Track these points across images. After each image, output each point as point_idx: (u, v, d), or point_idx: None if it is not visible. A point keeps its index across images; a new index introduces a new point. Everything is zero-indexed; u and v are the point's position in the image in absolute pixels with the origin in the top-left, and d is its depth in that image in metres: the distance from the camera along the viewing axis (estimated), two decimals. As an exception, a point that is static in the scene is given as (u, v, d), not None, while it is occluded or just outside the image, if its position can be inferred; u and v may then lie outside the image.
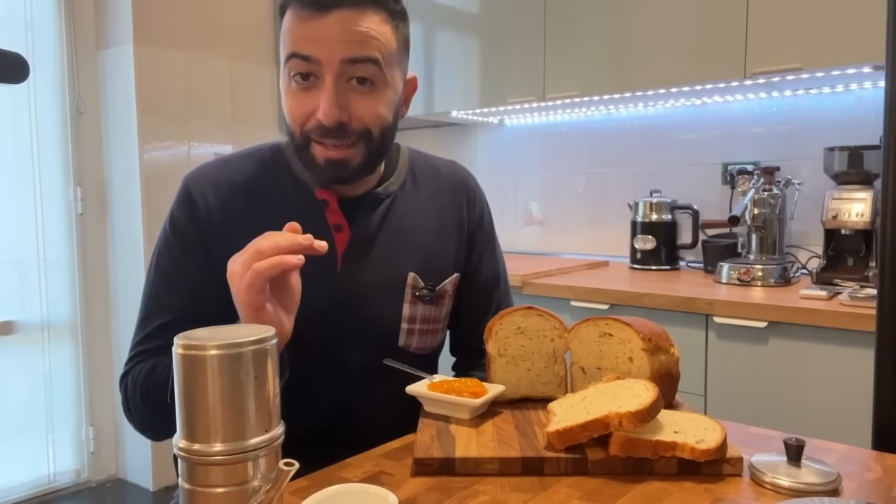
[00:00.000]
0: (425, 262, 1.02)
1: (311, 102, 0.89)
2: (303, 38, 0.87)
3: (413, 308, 1.01)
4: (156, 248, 0.99)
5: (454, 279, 1.06)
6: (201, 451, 0.54)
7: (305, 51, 0.87)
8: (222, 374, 0.53)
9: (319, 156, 0.91)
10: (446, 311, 1.07)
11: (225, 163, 1.01)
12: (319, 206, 0.97)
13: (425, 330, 1.03)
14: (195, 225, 0.96)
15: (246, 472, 0.55)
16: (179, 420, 0.55)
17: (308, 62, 0.87)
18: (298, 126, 0.91)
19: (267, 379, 0.55)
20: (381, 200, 1.01)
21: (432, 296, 1.02)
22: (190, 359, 0.54)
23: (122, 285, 2.80)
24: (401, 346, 1.01)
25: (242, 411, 0.54)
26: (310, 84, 0.89)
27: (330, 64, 0.87)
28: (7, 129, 2.55)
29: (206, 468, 0.54)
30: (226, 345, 0.53)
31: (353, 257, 0.98)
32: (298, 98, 0.90)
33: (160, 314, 0.95)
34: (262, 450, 0.55)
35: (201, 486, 0.54)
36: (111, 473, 2.90)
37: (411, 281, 1.00)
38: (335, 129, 0.88)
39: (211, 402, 0.53)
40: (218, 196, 0.96)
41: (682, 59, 2.10)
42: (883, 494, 0.72)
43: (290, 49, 0.88)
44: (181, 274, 0.95)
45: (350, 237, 0.97)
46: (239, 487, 0.54)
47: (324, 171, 0.92)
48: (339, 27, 0.86)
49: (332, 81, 0.87)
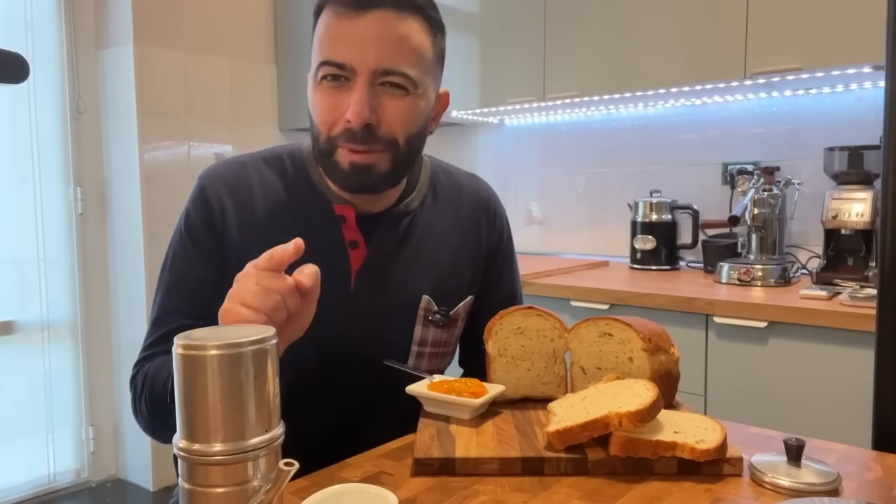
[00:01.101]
0: (441, 285, 1.00)
1: (342, 104, 0.86)
2: (337, 38, 0.85)
3: (425, 331, 0.99)
4: (170, 248, 0.96)
5: (468, 302, 1.04)
6: (201, 451, 0.54)
7: (338, 57, 0.84)
8: (222, 374, 0.53)
9: (344, 160, 0.88)
10: (458, 334, 1.05)
11: (241, 165, 0.97)
12: (337, 222, 0.94)
13: (435, 353, 1.01)
14: (210, 229, 0.93)
15: (246, 472, 0.54)
16: (179, 420, 0.55)
17: (341, 69, 0.85)
18: (326, 129, 0.88)
19: (267, 379, 0.55)
20: (400, 218, 0.98)
21: (445, 321, 0.99)
22: (190, 359, 0.53)
23: (122, 285, 2.80)
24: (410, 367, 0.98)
25: (242, 411, 0.54)
26: (340, 85, 0.86)
27: (363, 70, 0.84)
28: (7, 129, 2.55)
29: (206, 468, 0.54)
30: (226, 345, 0.53)
31: (368, 276, 0.95)
32: (328, 99, 0.87)
33: (173, 317, 0.92)
34: (262, 450, 0.55)
35: (201, 485, 0.54)
36: (111, 473, 2.90)
37: (425, 304, 0.98)
38: (363, 132, 0.85)
39: (211, 402, 0.53)
40: (236, 203, 0.93)
41: (682, 59, 2.10)
42: (883, 494, 0.72)
43: (323, 55, 0.86)
44: (195, 277, 0.93)
45: (366, 255, 0.95)
46: (239, 487, 0.54)
47: (348, 178, 0.89)
48: (376, 27, 0.84)
49: (365, 83, 0.85)
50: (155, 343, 0.93)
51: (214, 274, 0.91)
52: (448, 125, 3.07)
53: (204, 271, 0.93)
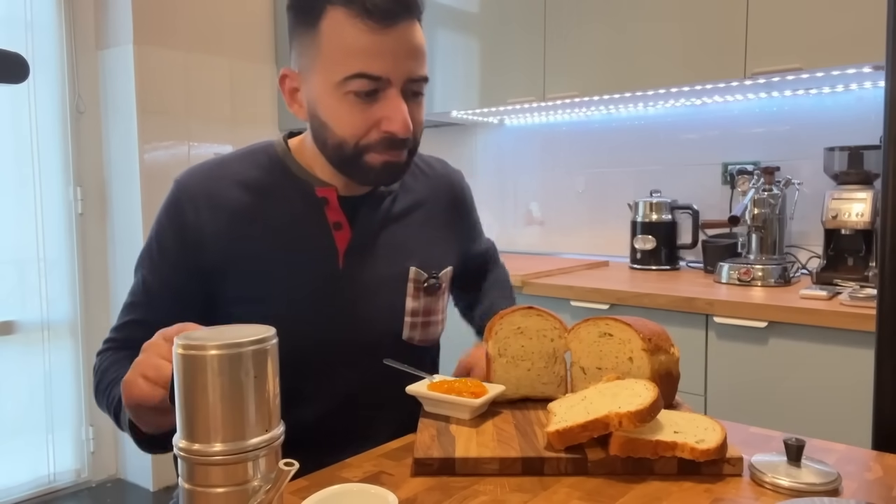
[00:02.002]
0: (426, 257, 1.04)
1: (374, 115, 0.89)
2: (371, 52, 0.86)
3: (416, 301, 1.02)
4: (146, 243, 1.00)
5: (449, 272, 1.09)
6: (201, 451, 0.54)
7: (376, 70, 0.87)
8: (222, 374, 0.53)
9: (376, 162, 0.91)
10: (444, 303, 1.10)
11: (219, 164, 1.00)
12: (319, 204, 0.97)
13: (427, 322, 1.05)
14: (179, 237, 0.95)
15: (246, 472, 0.55)
16: (180, 420, 0.55)
17: (377, 81, 0.87)
18: (355, 138, 0.90)
19: (267, 379, 0.55)
20: (382, 199, 1.03)
21: (435, 287, 1.04)
22: (190, 359, 0.53)
23: (122, 285, 2.80)
24: (405, 339, 1.02)
25: (242, 411, 0.54)
26: (371, 97, 0.89)
27: (397, 80, 0.88)
28: (7, 129, 2.55)
29: (206, 468, 0.54)
30: (226, 345, 0.53)
31: (355, 255, 0.98)
32: (359, 111, 0.89)
33: (135, 310, 0.98)
34: (262, 450, 0.55)
35: (201, 486, 0.55)
36: (111, 473, 2.90)
37: (413, 275, 1.02)
38: (403, 140, 0.90)
39: (211, 403, 0.53)
40: (212, 206, 0.95)
41: (682, 59, 2.10)
42: (883, 494, 0.72)
43: (357, 68, 0.87)
44: (162, 279, 0.97)
45: (351, 236, 0.98)
46: (239, 487, 0.54)
47: (378, 175, 0.93)
48: (404, 41, 0.87)
49: (398, 94, 0.89)
50: (119, 328, 0.99)
51: (177, 279, 0.96)
52: (448, 125, 3.07)
53: (167, 276, 0.97)
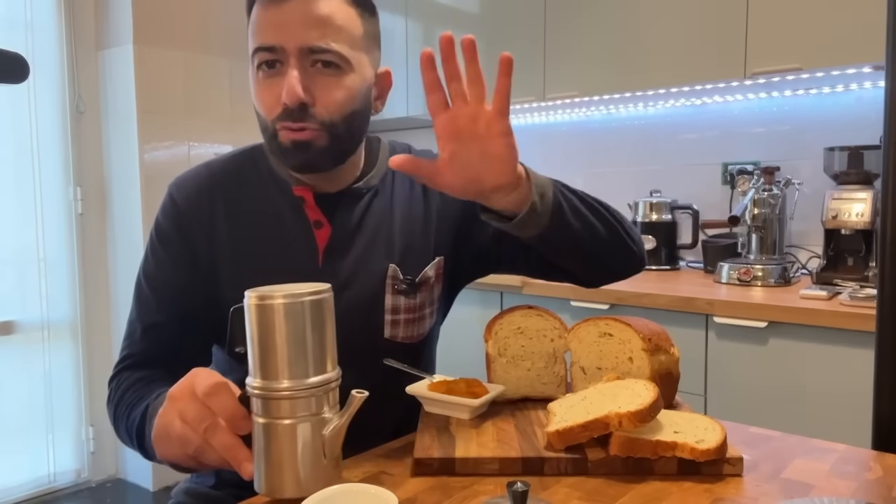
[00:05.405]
0: (407, 253, 1.03)
1: (278, 88, 0.90)
2: (265, 26, 0.89)
3: (395, 299, 1.01)
4: (144, 254, 1.01)
5: (437, 264, 1.05)
6: (270, 386, 0.66)
7: (268, 41, 0.89)
8: (287, 320, 0.66)
9: (285, 139, 0.91)
10: (436, 295, 1.07)
11: (206, 167, 1.03)
12: (298, 203, 0.98)
13: (410, 319, 1.03)
14: (179, 232, 0.98)
15: (309, 405, 0.67)
16: (252, 363, 0.67)
17: (273, 52, 0.89)
18: (269, 114, 0.92)
19: (324, 326, 0.68)
20: (361, 195, 1.02)
21: (411, 289, 1.02)
22: (260, 308, 0.66)
23: (122, 285, 2.80)
24: (387, 337, 1.01)
25: (305, 352, 0.66)
26: (276, 71, 0.90)
27: (292, 49, 0.88)
28: (7, 129, 2.55)
29: (277, 402, 0.66)
30: (289, 294, 0.66)
31: (334, 253, 0.98)
32: (266, 87, 0.91)
33: (146, 318, 0.97)
34: (320, 388, 0.67)
35: (274, 418, 0.66)
36: (111, 473, 2.90)
37: (392, 272, 1.01)
38: (298, 111, 0.89)
39: (278, 344, 0.66)
40: (199, 202, 0.98)
41: (682, 59, 2.10)
42: (883, 494, 0.72)
43: (255, 43, 0.90)
44: (166, 280, 0.97)
45: (330, 233, 0.98)
46: (305, 418, 0.66)
47: (291, 156, 0.92)
48: (299, 11, 0.88)
49: (296, 64, 0.89)
50: (131, 345, 0.98)
51: (184, 274, 0.97)
52: (448, 125, 3.06)
53: (174, 273, 0.97)
